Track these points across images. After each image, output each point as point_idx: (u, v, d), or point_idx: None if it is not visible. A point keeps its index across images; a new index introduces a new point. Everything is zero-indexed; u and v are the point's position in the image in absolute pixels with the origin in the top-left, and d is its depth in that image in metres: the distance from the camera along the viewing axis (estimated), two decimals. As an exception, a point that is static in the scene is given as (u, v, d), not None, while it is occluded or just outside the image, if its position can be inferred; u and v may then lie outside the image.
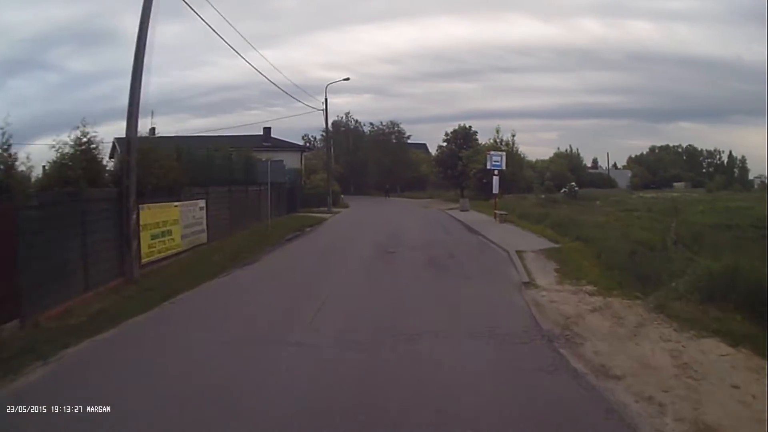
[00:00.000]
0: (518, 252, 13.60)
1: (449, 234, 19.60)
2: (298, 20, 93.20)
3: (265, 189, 25.22)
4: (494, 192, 24.02)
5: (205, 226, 16.77)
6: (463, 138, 46.86)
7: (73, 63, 72.83)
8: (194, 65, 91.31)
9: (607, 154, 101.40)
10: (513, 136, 35.98)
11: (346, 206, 42.69)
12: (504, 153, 24.53)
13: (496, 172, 23.54)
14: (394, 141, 67.15)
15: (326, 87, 36.97)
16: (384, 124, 67.56)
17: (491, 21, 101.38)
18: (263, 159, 29.62)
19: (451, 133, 47.93)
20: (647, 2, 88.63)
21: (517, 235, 17.80)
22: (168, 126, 68.91)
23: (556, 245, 14.84)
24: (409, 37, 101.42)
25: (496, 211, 23.04)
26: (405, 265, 12.66)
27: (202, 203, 16.69)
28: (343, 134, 74.17)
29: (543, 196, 40.89)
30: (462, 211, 30.74)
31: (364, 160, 68.89)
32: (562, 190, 39.90)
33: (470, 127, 47.81)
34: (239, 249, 15.93)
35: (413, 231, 20.24)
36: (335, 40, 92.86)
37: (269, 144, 43.27)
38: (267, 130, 44.91)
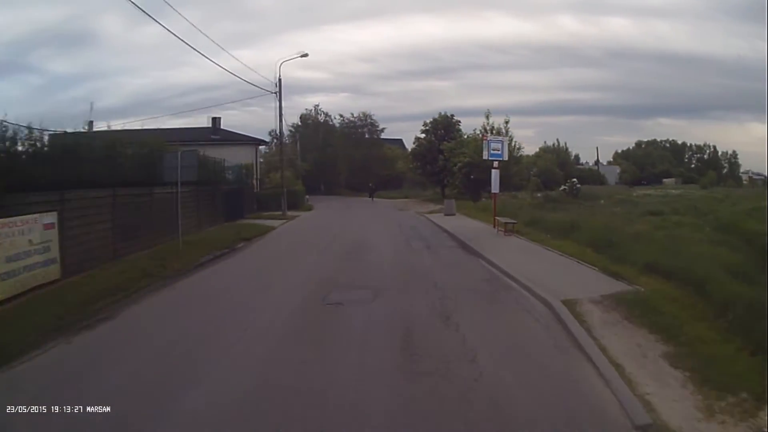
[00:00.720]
0: (568, 303, 7.42)
1: (436, 257, 13.10)
2: (275, 20, 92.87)
3: (189, 191, 18.99)
4: (494, 191, 17.80)
5: (54, 255, 10.56)
6: (444, 128, 40.38)
7: (54, 65, 71.22)
8: (174, 65, 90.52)
9: (597, 149, 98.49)
10: (506, 122, 29.67)
11: (309, 209, 36.82)
12: (506, 139, 18.23)
13: (496, 163, 17.37)
14: (366, 135, 60.66)
15: (279, 65, 30.25)
16: (355, 116, 60.93)
17: (467, 19, 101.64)
18: (186, 153, 23.10)
19: (431, 122, 41.25)
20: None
21: (544, 259, 11.60)
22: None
23: (623, 284, 8.69)
24: (385, 36, 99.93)
25: (499, 218, 16.87)
26: (349, 357, 5.87)
27: (48, 218, 10.47)
28: (311, 128, 67.62)
29: (539, 194, 35.16)
30: (447, 215, 24.52)
31: (334, 157, 62.52)
32: (562, 188, 34.11)
33: (452, 115, 41.34)
34: (106, 289, 9.63)
35: (381, 250, 13.96)
36: (312, 40, 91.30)
37: (218, 137, 36.58)
38: (215, 120, 38.03)
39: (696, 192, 48.98)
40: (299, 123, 68.99)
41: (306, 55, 29.15)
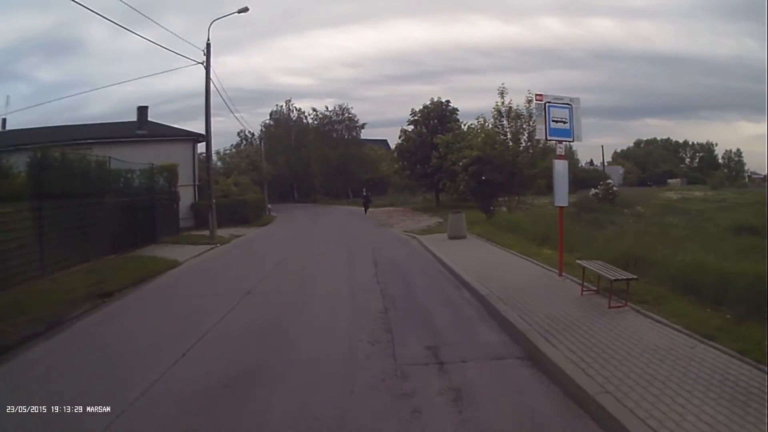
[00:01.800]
0: None
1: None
2: (259, 26, 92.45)
3: (13, 212, 11.10)
4: (558, 203, 9.00)
5: None
6: (438, 118, 31.90)
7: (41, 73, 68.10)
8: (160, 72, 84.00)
9: (602, 147, 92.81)
10: (529, 101, 21.18)
11: (266, 223, 28.68)
12: (574, 104, 9.67)
13: (560, 149, 8.95)
14: (345, 134, 52.00)
15: (209, 25, 21.55)
16: (330, 110, 52.29)
17: (452, 22, 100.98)
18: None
19: (420, 111, 32.77)
20: (610, 0, 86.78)
21: None
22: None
23: None
24: (370, 40, 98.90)
25: (583, 263, 7.64)
26: None
27: None
28: (282, 127, 59.05)
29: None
30: (452, 238, 15.98)
31: (309, 159, 54.07)
32: (593, 192, 26.10)
33: (448, 101, 32.85)
34: None
35: (313, 390, 5.25)
36: (297, 45, 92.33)
37: (145, 132, 27.96)
38: (142, 110, 29.25)
39: (724, 193, 43.50)
40: (270, 121, 60.53)
41: (246, 9, 20.56)
